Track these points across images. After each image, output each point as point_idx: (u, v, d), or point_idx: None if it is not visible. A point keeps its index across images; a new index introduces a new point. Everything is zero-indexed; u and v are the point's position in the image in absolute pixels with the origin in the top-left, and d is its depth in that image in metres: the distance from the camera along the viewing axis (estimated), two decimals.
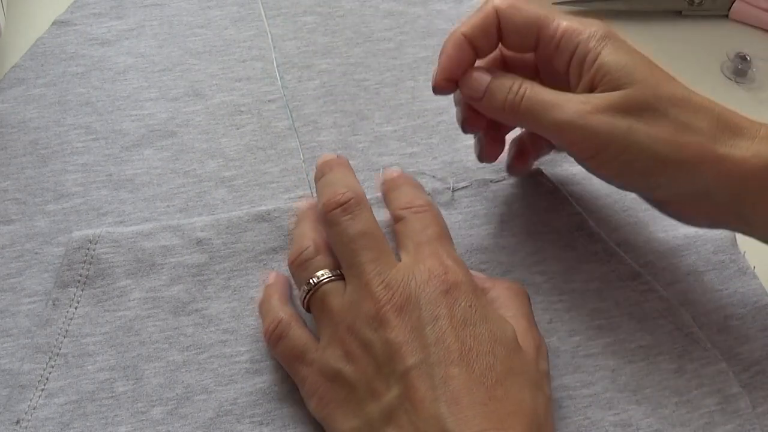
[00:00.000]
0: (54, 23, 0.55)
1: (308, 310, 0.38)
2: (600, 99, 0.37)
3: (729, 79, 0.56)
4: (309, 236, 0.39)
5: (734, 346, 0.42)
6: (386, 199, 0.41)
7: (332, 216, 0.37)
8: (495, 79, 0.39)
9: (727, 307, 0.44)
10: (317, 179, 0.40)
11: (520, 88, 0.38)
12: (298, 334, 0.37)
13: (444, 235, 0.38)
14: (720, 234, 0.46)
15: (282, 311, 0.38)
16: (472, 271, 0.41)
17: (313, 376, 0.36)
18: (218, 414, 0.38)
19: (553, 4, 0.61)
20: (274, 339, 0.38)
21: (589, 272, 0.44)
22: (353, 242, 0.36)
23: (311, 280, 0.37)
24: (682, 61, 0.58)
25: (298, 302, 0.39)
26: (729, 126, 0.37)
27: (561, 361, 0.41)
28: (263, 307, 0.40)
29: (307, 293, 0.37)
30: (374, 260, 0.35)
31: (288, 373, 0.38)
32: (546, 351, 0.37)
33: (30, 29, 0.55)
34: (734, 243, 0.46)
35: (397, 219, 0.39)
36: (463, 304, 0.34)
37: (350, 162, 0.48)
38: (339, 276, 0.37)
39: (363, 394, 0.34)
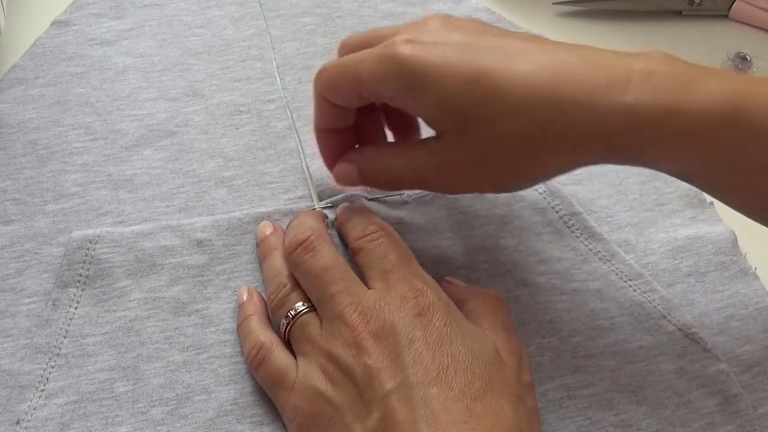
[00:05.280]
0: (53, 23, 0.55)
1: (288, 342, 0.38)
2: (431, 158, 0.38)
3: None
4: (282, 272, 0.40)
5: (735, 347, 0.42)
6: (342, 234, 0.42)
7: (295, 256, 0.38)
8: (361, 167, 0.41)
9: (728, 308, 0.44)
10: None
11: (373, 170, 0.40)
12: (280, 357, 0.37)
13: (406, 257, 0.38)
14: (721, 235, 0.46)
15: (262, 334, 0.38)
16: (449, 278, 0.41)
17: (294, 399, 0.36)
18: (218, 414, 0.38)
19: (554, 4, 0.61)
20: (256, 363, 0.38)
21: (590, 272, 0.44)
22: (319, 278, 0.37)
23: (289, 313, 0.38)
24: None
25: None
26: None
27: (561, 362, 0.41)
28: (242, 330, 0.40)
29: (286, 327, 0.38)
30: (343, 291, 0.36)
31: (269, 397, 0.38)
32: (528, 360, 0.37)
33: (30, 29, 0.54)
34: (735, 244, 0.46)
35: (356, 252, 0.39)
36: (437, 323, 0.34)
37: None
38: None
39: (348, 418, 0.34)
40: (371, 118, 0.43)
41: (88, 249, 0.42)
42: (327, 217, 0.44)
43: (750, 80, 0.34)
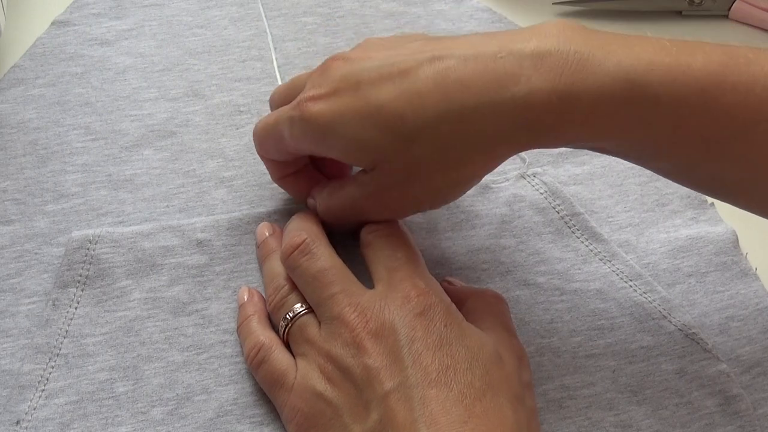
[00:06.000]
0: (53, 23, 0.55)
1: (287, 343, 0.38)
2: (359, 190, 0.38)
3: None
4: (281, 274, 0.40)
5: (735, 347, 0.42)
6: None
7: (291, 260, 0.38)
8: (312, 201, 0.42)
9: (728, 308, 0.44)
10: None
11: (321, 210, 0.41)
12: (280, 357, 0.37)
13: (413, 255, 0.38)
14: (722, 235, 0.46)
15: (262, 335, 0.38)
16: (449, 278, 0.41)
17: (293, 399, 0.36)
18: (218, 414, 0.38)
19: (554, 3, 0.61)
20: (256, 364, 0.38)
21: (591, 272, 0.44)
22: (316, 280, 0.37)
23: (287, 315, 0.38)
24: None
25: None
26: None
27: (562, 362, 0.41)
28: (243, 331, 0.39)
29: (285, 328, 0.38)
30: (342, 292, 0.36)
31: (269, 397, 0.38)
32: (528, 360, 0.37)
33: (30, 29, 0.54)
34: (736, 244, 0.46)
35: (365, 244, 0.39)
36: (438, 324, 0.34)
37: None
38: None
39: (346, 419, 0.34)
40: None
41: (88, 249, 0.42)
42: None
43: (649, 50, 0.33)
